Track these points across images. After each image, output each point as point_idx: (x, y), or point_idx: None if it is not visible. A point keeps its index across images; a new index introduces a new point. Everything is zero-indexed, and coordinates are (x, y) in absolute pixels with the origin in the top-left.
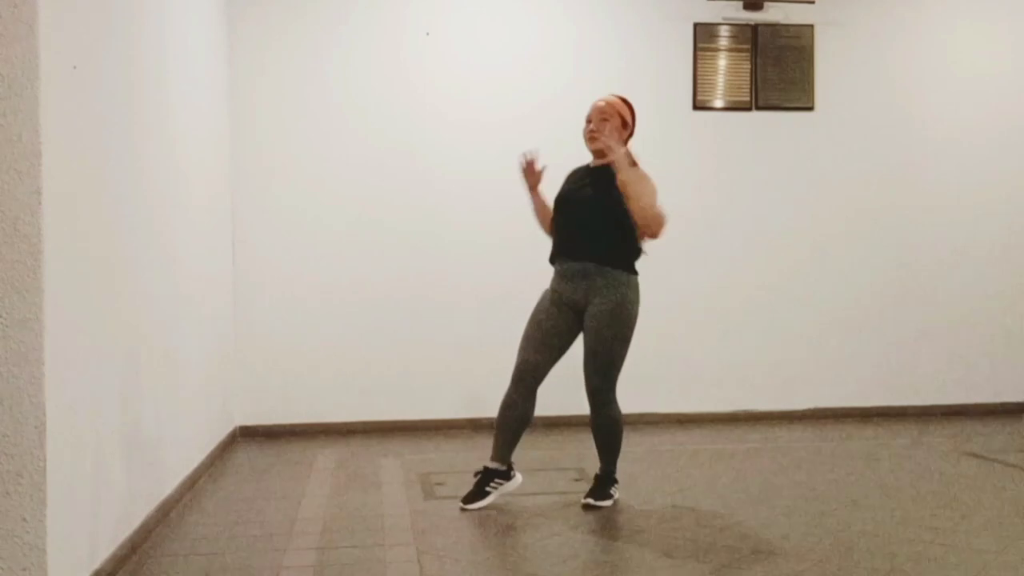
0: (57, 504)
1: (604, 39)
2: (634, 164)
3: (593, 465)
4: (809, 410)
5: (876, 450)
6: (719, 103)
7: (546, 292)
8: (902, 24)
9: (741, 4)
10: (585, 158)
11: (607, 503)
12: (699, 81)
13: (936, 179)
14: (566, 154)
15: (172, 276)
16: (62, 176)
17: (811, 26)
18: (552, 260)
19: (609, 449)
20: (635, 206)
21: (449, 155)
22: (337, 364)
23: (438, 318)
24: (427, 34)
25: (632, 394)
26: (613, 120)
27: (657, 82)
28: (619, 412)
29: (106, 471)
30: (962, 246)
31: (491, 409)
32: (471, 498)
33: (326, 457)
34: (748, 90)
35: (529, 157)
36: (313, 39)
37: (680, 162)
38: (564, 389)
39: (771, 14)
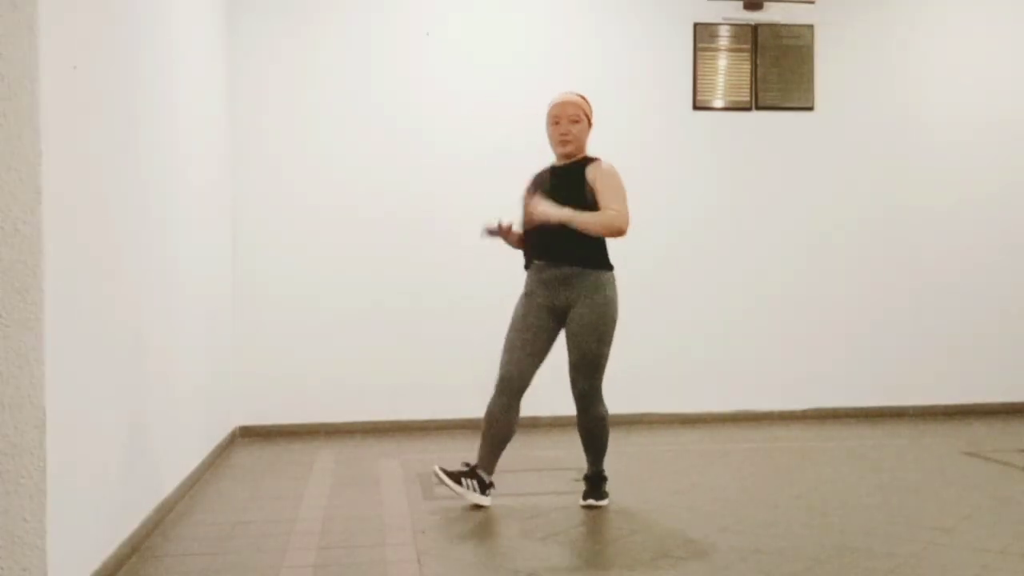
0: (57, 504)
1: (604, 39)
2: (592, 160)
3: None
4: (809, 410)
5: (876, 450)
6: (719, 103)
7: (522, 298)
8: (902, 24)
9: (741, 4)
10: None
11: (606, 502)
12: (699, 81)
13: (936, 179)
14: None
15: (172, 276)
16: (62, 176)
17: (811, 26)
18: (527, 266)
19: (597, 448)
20: (595, 234)
21: (449, 155)
22: (337, 364)
23: (438, 318)
24: (427, 34)
25: (632, 394)
26: (583, 122)
27: (657, 82)
28: (606, 410)
29: (106, 471)
30: (962, 246)
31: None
32: (450, 474)
33: (326, 457)
34: (748, 90)
35: (494, 227)
36: (313, 39)
37: (680, 162)
38: (563, 389)
39: (771, 14)
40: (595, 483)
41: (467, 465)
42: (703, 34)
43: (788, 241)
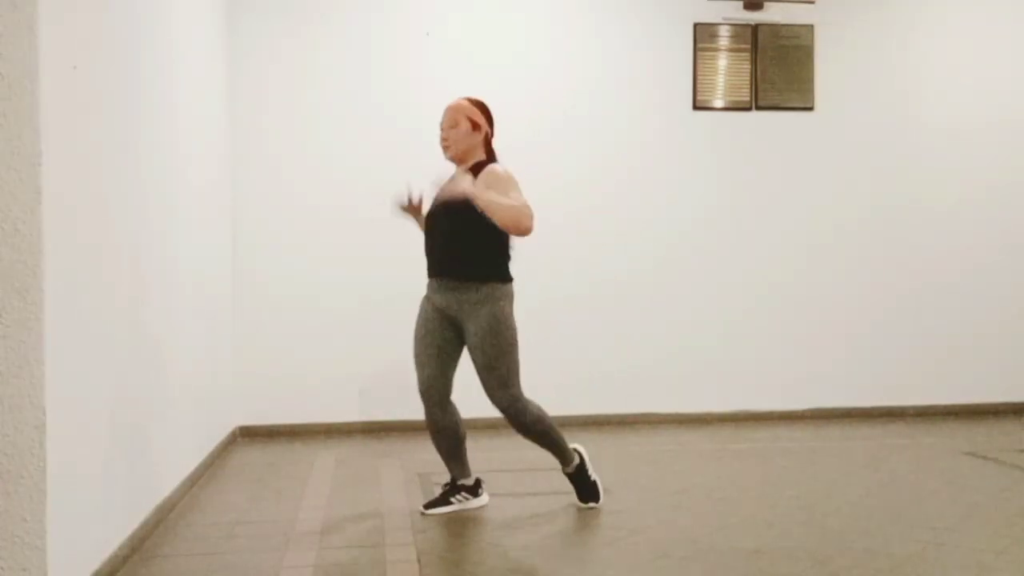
0: (57, 504)
1: (604, 39)
2: (486, 164)
3: (593, 465)
4: (809, 410)
5: (876, 450)
6: (719, 103)
7: (423, 304)
8: (902, 24)
9: (741, 4)
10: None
11: (599, 499)
12: (699, 81)
13: (936, 179)
14: (566, 153)
15: (172, 276)
16: (62, 176)
17: (811, 26)
18: (429, 275)
19: (550, 445)
20: (502, 224)
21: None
22: (337, 364)
23: None
24: (427, 34)
25: (632, 394)
26: (461, 125)
27: (657, 82)
28: (536, 408)
29: (106, 471)
30: (962, 246)
31: (490, 409)
32: (433, 504)
33: (326, 457)
34: (748, 90)
35: (404, 200)
36: (313, 39)
37: (680, 162)
38: (560, 389)
39: (771, 14)
40: (579, 481)
41: (445, 486)
42: (703, 34)
43: (788, 241)
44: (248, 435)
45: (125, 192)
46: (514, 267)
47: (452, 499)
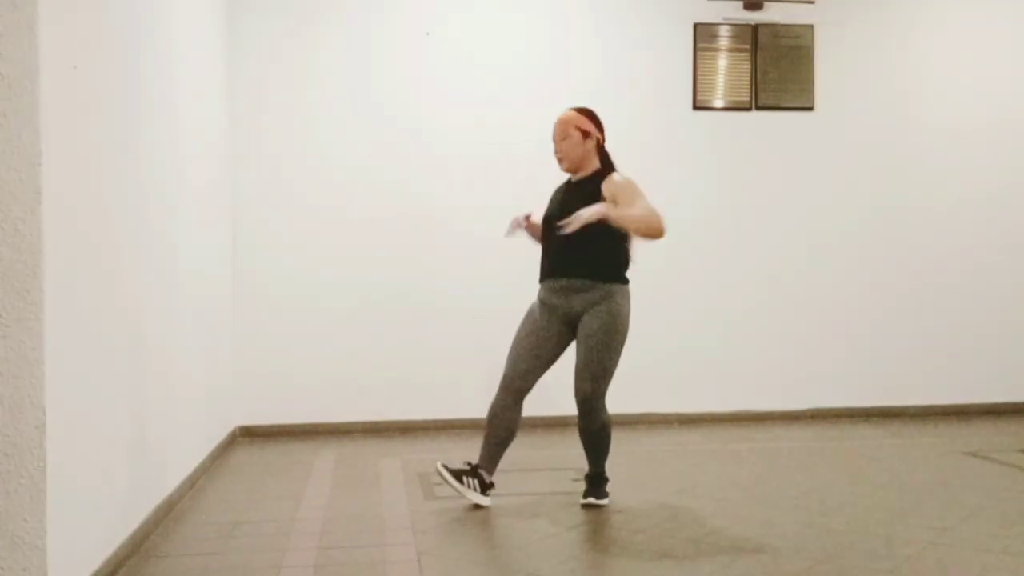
0: (57, 504)
1: (604, 39)
2: (609, 169)
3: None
4: (809, 410)
5: (876, 450)
6: (719, 103)
7: (535, 303)
8: (902, 24)
9: (741, 4)
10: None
11: (606, 501)
12: (699, 81)
13: (936, 179)
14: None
15: (172, 276)
16: (62, 176)
17: (811, 26)
18: (542, 279)
19: (598, 453)
20: (637, 234)
21: (449, 156)
22: (337, 365)
23: (437, 319)
24: (427, 34)
25: (632, 394)
26: (572, 137)
27: (657, 82)
28: (608, 418)
29: (106, 471)
30: (962, 246)
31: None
32: (452, 474)
33: (326, 457)
34: (748, 90)
35: (519, 225)
36: (313, 39)
37: (680, 162)
38: (563, 389)
39: (771, 14)
40: (595, 482)
41: (469, 464)
42: (703, 34)
43: (788, 241)
44: (248, 435)
45: (125, 192)
46: (513, 269)
47: (465, 479)
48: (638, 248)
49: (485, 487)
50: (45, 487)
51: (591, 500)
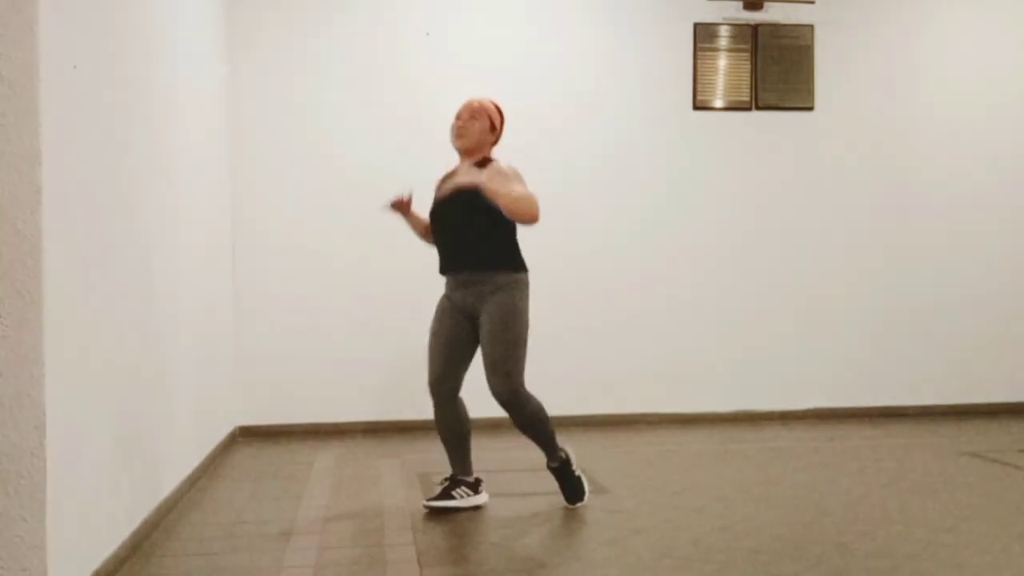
0: (57, 504)
1: (604, 39)
2: (486, 163)
3: (592, 466)
4: (809, 410)
5: (876, 450)
6: (719, 103)
7: (441, 301)
8: (902, 24)
9: (741, 4)
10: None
11: (585, 497)
12: (699, 81)
13: (936, 179)
14: (565, 154)
15: (172, 275)
16: (62, 176)
17: (811, 26)
18: (441, 271)
19: (542, 440)
20: (511, 214)
21: (450, 156)
22: (337, 364)
23: None
24: (427, 34)
25: (632, 394)
26: (481, 121)
27: (657, 82)
28: (535, 403)
29: (106, 471)
30: (962, 246)
31: (490, 409)
32: (436, 498)
33: (326, 457)
34: (748, 90)
35: (395, 199)
36: (313, 39)
37: (680, 162)
38: (561, 389)
39: (771, 14)
40: (564, 476)
41: (446, 479)
42: (703, 34)
43: (788, 241)
44: (248, 435)
45: (125, 192)
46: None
47: (454, 493)
48: (638, 249)
49: (474, 486)
50: (45, 487)
51: (579, 504)
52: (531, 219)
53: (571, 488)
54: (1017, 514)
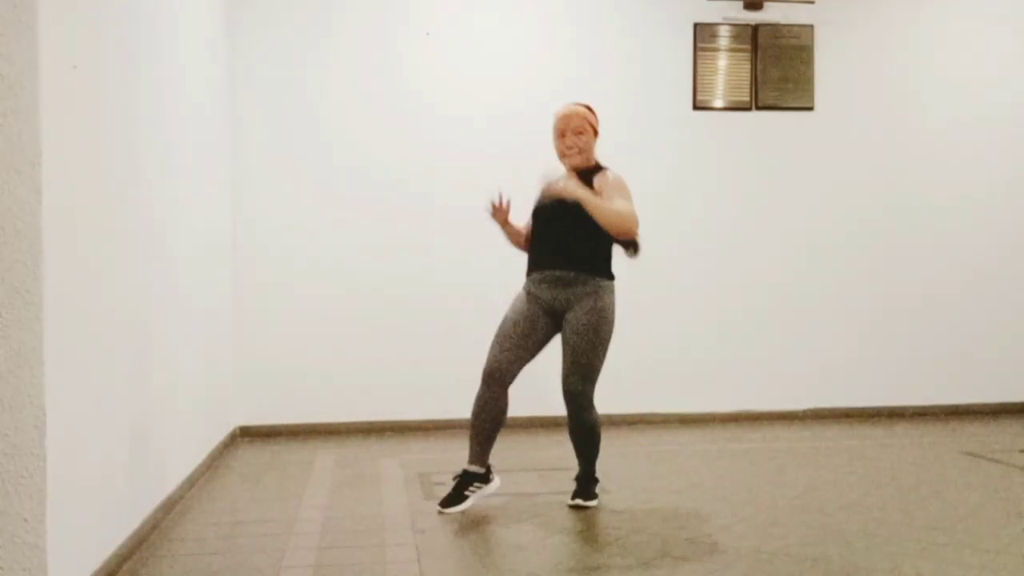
0: (57, 504)
1: (604, 39)
2: (600, 169)
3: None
4: (809, 410)
5: (876, 450)
6: (719, 103)
7: (521, 294)
8: (902, 24)
9: (741, 4)
10: None
11: (594, 503)
12: (699, 81)
13: (935, 179)
14: None
15: (172, 276)
16: (62, 176)
17: (811, 26)
18: (531, 270)
19: (588, 452)
20: (606, 225)
21: (449, 155)
22: (337, 364)
23: (437, 318)
24: (427, 34)
25: (632, 394)
26: (587, 134)
27: (657, 82)
28: (597, 416)
29: (106, 471)
30: (962, 245)
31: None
32: (450, 501)
33: (326, 457)
34: (748, 90)
35: (495, 202)
36: (313, 39)
37: (680, 162)
38: (560, 389)
39: (771, 14)
40: (585, 483)
41: (455, 477)
42: (703, 34)
43: (788, 241)
44: (248, 435)
45: (125, 192)
46: (514, 268)
47: (467, 492)
48: (641, 252)
49: (485, 477)
50: (45, 487)
51: (578, 502)
52: (626, 234)
53: (584, 493)
54: (1017, 514)
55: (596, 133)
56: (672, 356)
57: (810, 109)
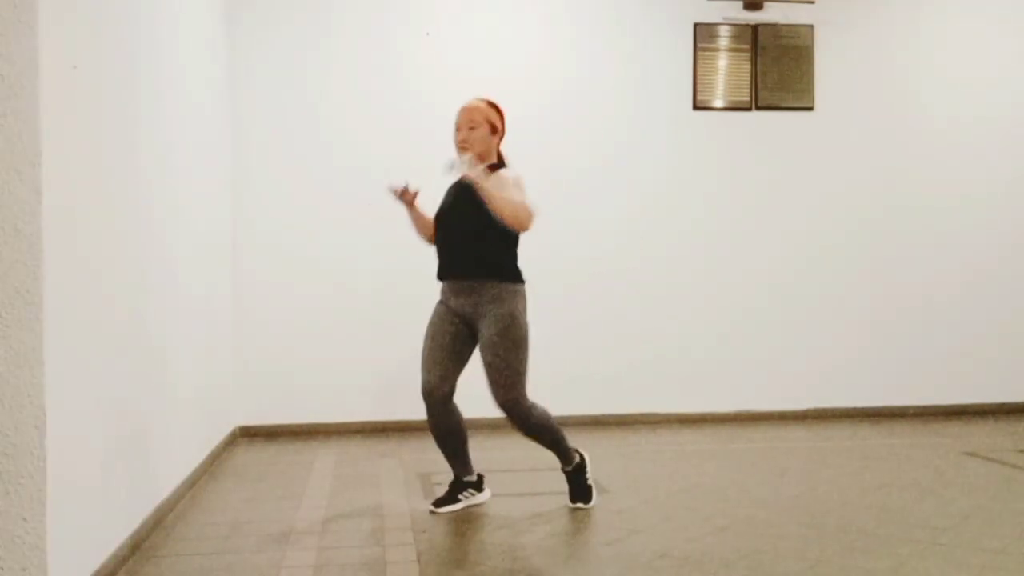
0: (57, 504)
1: (604, 39)
2: (499, 167)
3: (592, 465)
4: (809, 410)
5: (876, 450)
6: (719, 103)
7: (437, 305)
8: (902, 24)
9: (741, 4)
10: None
11: (592, 502)
12: (699, 81)
13: (935, 179)
14: (564, 153)
15: (172, 276)
16: (62, 176)
17: (811, 26)
18: (439, 276)
19: (551, 444)
20: (500, 215)
21: (449, 155)
22: (337, 364)
23: None
24: (427, 34)
25: (632, 394)
26: (480, 128)
27: (657, 82)
28: (539, 410)
29: (106, 471)
30: (962, 245)
31: (488, 410)
32: (442, 502)
33: (326, 457)
34: (748, 90)
35: (398, 188)
36: (313, 39)
37: (680, 162)
38: (561, 389)
39: (771, 14)
40: (575, 480)
41: (450, 485)
42: (703, 34)
43: (788, 241)
44: (248, 435)
45: (125, 192)
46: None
47: (460, 496)
48: (638, 249)
49: (478, 484)
50: (45, 487)
51: (580, 504)
52: (520, 226)
53: (579, 491)
54: (1017, 514)
55: (496, 130)
56: (672, 356)
57: (810, 109)
